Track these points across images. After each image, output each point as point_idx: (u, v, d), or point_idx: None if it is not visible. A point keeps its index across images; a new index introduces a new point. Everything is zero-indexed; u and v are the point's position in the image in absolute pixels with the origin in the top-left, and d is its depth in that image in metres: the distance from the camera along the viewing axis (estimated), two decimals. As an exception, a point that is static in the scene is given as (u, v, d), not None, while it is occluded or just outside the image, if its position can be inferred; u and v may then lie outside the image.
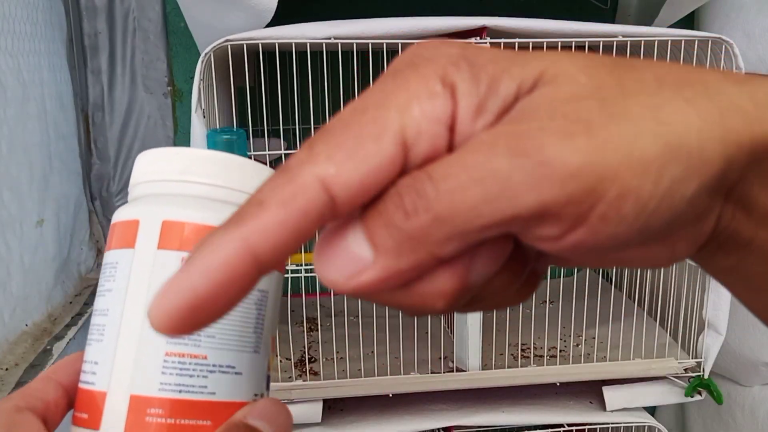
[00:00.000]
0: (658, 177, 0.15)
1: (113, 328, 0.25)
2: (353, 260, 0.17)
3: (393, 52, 0.73)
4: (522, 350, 0.83)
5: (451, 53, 0.17)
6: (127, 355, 0.24)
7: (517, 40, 0.68)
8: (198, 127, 0.65)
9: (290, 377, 0.76)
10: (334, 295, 0.87)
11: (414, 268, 0.16)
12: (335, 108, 0.87)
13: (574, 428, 0.79)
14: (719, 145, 0.15)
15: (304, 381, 0.74)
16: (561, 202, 0.15)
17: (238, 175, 0.27)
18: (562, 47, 0.78)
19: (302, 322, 0.92)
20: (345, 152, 0.16)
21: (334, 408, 0.81)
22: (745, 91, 0.16)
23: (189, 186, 0.26)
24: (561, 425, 0.79)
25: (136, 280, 0.25)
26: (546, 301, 0.95)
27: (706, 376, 0.76)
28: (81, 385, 0.25)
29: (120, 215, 0.26)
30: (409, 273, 0.17)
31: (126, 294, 0.25)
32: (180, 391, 0.24)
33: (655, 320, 0.85)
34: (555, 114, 0.15)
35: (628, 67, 0.17)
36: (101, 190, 0.95)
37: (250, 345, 0.26)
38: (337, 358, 0.82)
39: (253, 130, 0.71)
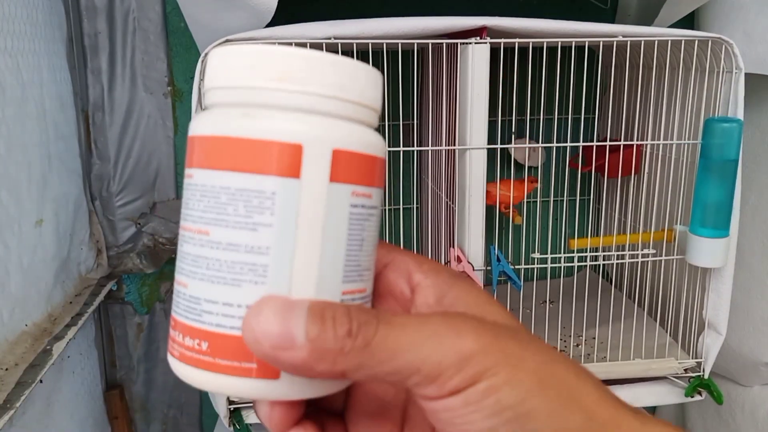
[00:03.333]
0: None
1: (282, 269, 0.22)
2: (286, 337, 0.20)
3: (393, 52, 0.73)
4: (522, 350, 0.83)
5: None
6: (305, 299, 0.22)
7: (517, 40, 0.68)
8: (198, 127, 0.65)
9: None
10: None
11: (323, 375, 0.20)
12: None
13: (574, 428, 0.79)
14: None
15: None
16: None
17: (373, 90, 0.24)
18: (562, 47, 0.78)
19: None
20: None
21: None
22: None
23: (347, 106, 0.23)
24: (561, 425, 0.79)
25: (308, 217, 0.22)
26: (546, 301, 0.95)
27: (706, 376, 0.76)
28: (231, 332, 0.22)
29: (264, 131, 0.22)
30: (317, 375, 0.21)
31: (296, 232, 0.22)
32: None
33: (655, 320, 0.85)
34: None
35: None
36: (101, 190, 0.95)
37: (374, 266, 0.25)
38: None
39: (253, 130, 0.70)
